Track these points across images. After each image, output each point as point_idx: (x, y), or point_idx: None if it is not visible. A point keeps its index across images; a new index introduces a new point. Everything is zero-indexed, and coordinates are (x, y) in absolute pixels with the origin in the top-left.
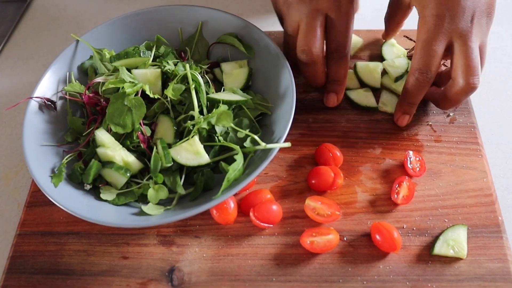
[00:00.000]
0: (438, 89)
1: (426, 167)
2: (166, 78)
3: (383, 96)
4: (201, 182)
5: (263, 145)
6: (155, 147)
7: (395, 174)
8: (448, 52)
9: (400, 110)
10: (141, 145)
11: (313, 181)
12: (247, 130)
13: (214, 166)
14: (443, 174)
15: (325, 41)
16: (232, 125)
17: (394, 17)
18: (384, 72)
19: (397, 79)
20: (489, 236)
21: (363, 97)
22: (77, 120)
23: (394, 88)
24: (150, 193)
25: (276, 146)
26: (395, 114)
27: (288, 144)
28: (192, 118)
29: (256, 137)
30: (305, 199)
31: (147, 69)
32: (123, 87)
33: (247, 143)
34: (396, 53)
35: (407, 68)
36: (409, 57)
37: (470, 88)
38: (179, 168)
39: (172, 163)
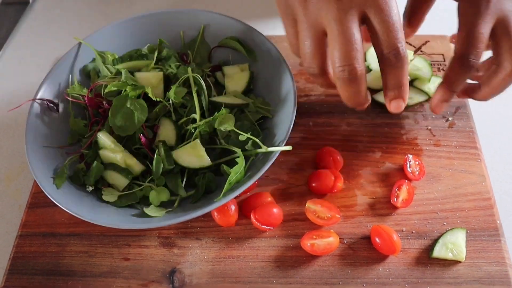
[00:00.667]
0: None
1: (425, 171)
2: (168, 81)
3: (409, 93)
4: (203, 184)
5: (264, 148)
6: (157, 150)
7: (395, 178)
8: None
9: (440, 98)
10: (143, 147)
11: (313, 184)
12: (249, 133)
13: (216, 168)
14: (442, 178)
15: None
16: (234, 128)
17: (417, 9)
18: None
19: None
20: (487, 239)
21: None
22: (79, 122)
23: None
24: (152, 195)
25: (278, 149)
26: (432, 101)
27: (289, 148)
28: (194, 121)
29: (257, 140)
30: (306, 202)
31: (150, 72)
32: (125, 90)
33: (248, 146)
34: None
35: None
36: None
37: None
38: (180, 170)
39: (174, 165)
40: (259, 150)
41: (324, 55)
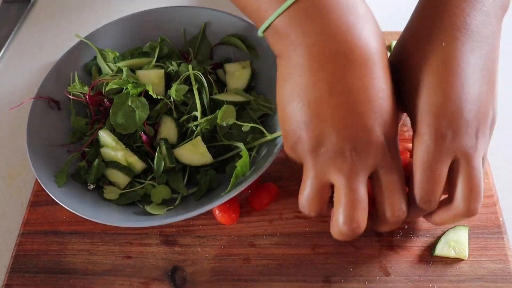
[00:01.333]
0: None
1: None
2: (169, 79)
3: None
4: (206, 182)
5: (268, 135)
6: (158, 148)
7: None
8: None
9: (380, 229)
10: (144, 145)
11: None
12: (252, 123)
13: (217, 166)
14: None
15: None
16: (236, 121)
17: None
18: None
19: None
20: (490, 237)
21: None
22: (81, 120)
23: None
24: (153, 193)
25: (280, 134)
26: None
27: None
28: (195, 118)
29: (261, 127)
30: None
31: (151, 70)
32: (126, 88)
33: (250, 139)
34: None
35: None
36: None
37: (470, 214)
38: (182, 168)
39: (176, 164)
40: (264, 139)
41: (323, 204)
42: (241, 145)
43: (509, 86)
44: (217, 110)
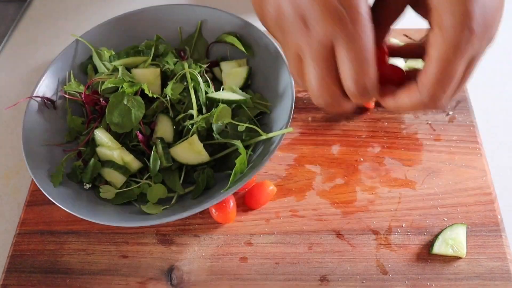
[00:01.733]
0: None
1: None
2: (165, 78)
3: None
4: (203, 180)
5: (264, 134)
6: (154, 147)
7: (395, 173)
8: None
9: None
10: (140, 144)
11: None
12: (247, 122)
13: (214, 164)
14: (443, 173)
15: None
16: (232, 120)
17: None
18: None
19: None
20: (488, 235)
21: None
22: (77, 119)
23: None
24: (149, 192)
25: (277, 133)
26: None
27: (290, 129)
28: (191, 117)
29: (256, 127)
30: (305, 197)
31: (147, 69)
32: (122, 87)
33: (246, 137)
34: None
35: None
36: None
37: (433, 104)
38: (178, 167)
39: (172, 162)
40: (259, 138)
41: (331, 81)
42: (238, 142)
43: (509, 85)
44: (213, 109)
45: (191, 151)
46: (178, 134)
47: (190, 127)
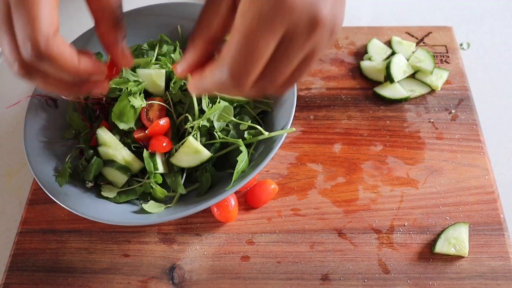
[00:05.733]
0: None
1: None
2: (169, 79)
3: (411, 85)
4: (208, 178)
5: (266, 133)
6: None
7: (397, 172)
8: None
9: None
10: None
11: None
12: (249, 121)
13: (215, 163)
14: (445, 171)
15: None
16: (233, 118)
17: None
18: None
19: None
20: (490, 234)
21: (394, 91)
22: (77, 117)
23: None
24: (153, 192)
25: (279, 133)
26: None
27: (292, 129)
28: (193, 118)
29: (258, 126)
30: (306, 196)
31: (151, 69)
32: (127, 88)
33: (247, 136)
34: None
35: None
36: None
37: (235, 83)
38: (180, 168)
39: (169, 171)
40: (261, 137)
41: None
42: (239, 141)
43: (509, 85)
44: (213, 105)
45: (190, 153)
46: (180, 136)
47: (190, 130)
